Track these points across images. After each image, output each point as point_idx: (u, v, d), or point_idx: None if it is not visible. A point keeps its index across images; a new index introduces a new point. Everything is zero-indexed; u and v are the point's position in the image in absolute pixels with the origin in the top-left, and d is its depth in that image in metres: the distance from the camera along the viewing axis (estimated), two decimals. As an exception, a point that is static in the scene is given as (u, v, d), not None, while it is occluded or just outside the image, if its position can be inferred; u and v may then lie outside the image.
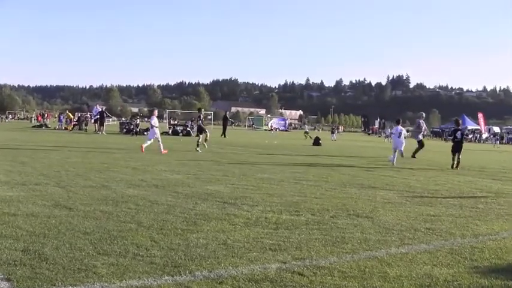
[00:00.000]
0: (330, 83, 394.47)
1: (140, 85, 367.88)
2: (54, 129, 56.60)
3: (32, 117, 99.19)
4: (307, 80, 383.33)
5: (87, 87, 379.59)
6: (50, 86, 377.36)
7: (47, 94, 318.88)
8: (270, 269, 6.07)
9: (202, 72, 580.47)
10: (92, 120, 56.30)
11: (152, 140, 25.38)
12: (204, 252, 6.68)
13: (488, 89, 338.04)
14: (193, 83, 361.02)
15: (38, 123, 70.38)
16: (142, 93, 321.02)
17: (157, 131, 25.82)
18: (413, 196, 13.03)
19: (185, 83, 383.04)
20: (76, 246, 6.63)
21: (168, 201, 10.47)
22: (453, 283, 5.92)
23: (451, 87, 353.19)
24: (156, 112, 29.03)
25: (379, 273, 6.11)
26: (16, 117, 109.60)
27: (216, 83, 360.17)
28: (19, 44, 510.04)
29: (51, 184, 12.25)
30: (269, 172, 17.36)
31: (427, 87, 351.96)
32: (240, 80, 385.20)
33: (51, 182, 12.66)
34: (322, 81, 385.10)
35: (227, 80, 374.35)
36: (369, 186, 14.61)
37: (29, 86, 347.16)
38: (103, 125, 49.29)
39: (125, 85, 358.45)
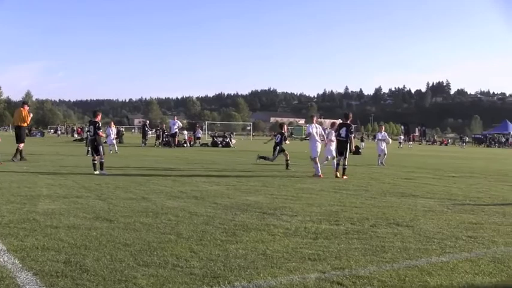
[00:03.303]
0: (369, 91, 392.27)
1: (179, 97, 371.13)
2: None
3: (72, 130, 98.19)
4: (346, 88, 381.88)
5: (127, 100, 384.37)
6: (90, 100, 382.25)
7: (88, 108, 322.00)
8: (309, 279, 6.03)
9: (240, 83, 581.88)
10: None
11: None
12: (243, 262, 6.67)
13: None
14: (232, 94, 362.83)
15: (79, 137, 70.70)
16: (182, 105, 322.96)
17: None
18: (455, 204, 12.88)
19: (224, 94, 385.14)
20: (116, 258, 6.70)
21: (208, 212, 10.51)
22: (495, 292, 5.84)
23: (493, 93, 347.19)
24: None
25: (419, 283, 6.04)
26: (64, 131, 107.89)
27: (254, 94, 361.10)
28: (59, 60, 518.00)
29: (92, 197, 12.40)
30: (308, 182, 17.31)
31: (468, 93, 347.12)
32: (279, 90, 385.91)
33: (92, 194, 12.81)
34: (361, 89, 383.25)
35: (266, 90, 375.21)
36: (410, 195, 14.47)
37: (69, 100, 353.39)
38: (145, 138, 49.60)
39: (164, 97, 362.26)
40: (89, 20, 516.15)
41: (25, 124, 24.18)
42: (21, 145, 23.69)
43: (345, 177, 19.12)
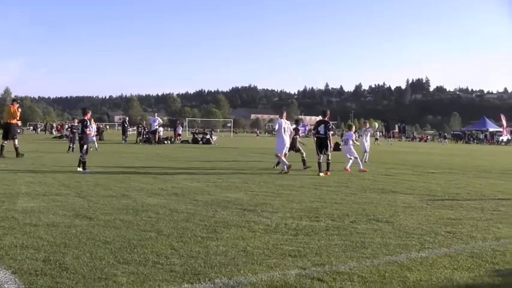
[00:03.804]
0: (349, 88, 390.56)
1: (160, 94, 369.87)
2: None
3: (52, 127, 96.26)
4: (327, 85, 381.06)
5: (107, 97, 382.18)
6: (70, 97, 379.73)
7: (67, 105, 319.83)
8: (289, 276, 6.05)
9: (221, 80, 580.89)
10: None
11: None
12: (224, 259, 6.68)
13: (510, 91, 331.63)
14: (213, 90, 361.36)
15: (58, 135, 69.98)
16: (162, 102, 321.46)
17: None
18: (434, 200, 12.97)
19: (204, 91, 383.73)
20: (96, 256, 6.67)
21: (188, 209, 10.49)
22: (474, 287, 5.88)
23: (472, 90, 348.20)
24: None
25: (399, 278, 6.07)
26: (43, 128, 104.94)
27: (235, 91, 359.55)
28: (38, 56, 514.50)
29: (72, 194, 12.33)
30: (289, 179, 17.33)
31: (447, 90, 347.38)
32: (259, 87, 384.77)
33: (71, 192, 12.74)
34: (341, 86, 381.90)
35: (246, 87, 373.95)
36: (389, 191, 14.54)
37: (49, 97, 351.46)
38: (125, 134, 49.68)
39: (144, 94, 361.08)
40: (69, 16, 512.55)
41: (14, 120, 25.19)
42: (16, 141, 24.94)
43: (328, 173, 19.14)
